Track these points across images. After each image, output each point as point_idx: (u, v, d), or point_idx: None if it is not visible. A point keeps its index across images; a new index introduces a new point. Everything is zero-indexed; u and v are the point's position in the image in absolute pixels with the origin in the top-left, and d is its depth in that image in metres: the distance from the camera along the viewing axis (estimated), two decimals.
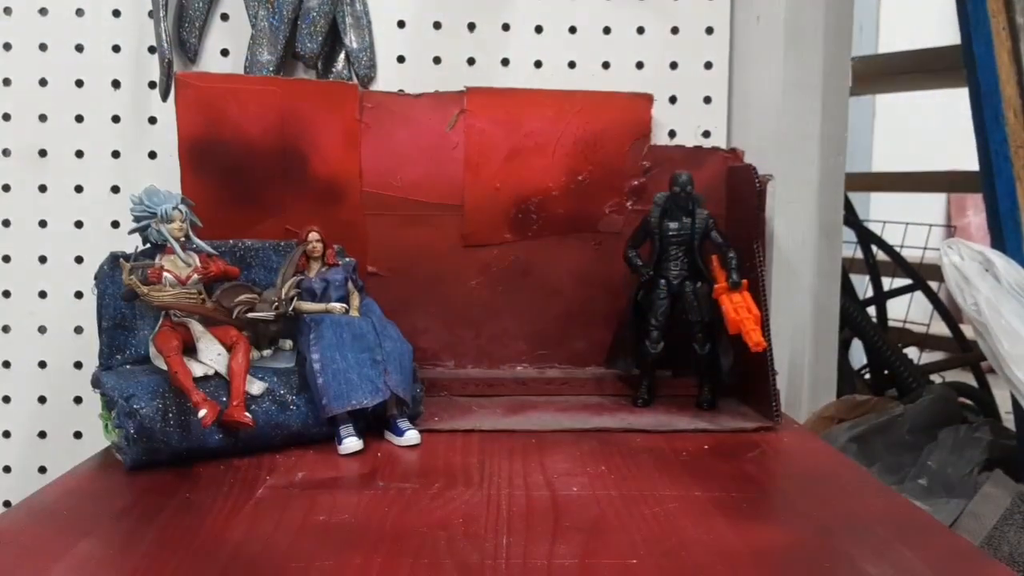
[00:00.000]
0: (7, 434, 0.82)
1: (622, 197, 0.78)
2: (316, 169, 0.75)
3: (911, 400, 0.90)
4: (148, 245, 0.61)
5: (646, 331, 0.71)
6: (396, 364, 0.64)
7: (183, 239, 0.60)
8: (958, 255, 0.62)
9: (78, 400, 0.82)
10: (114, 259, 0.62)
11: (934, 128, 1.86)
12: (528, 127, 0.77)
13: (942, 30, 0.92)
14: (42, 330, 0.82)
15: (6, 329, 0.81)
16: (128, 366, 0.62)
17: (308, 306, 0.66)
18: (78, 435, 0.82)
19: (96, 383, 0.60)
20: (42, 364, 0.82)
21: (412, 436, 0.62)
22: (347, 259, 0.69)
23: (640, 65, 0.83)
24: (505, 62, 0.82)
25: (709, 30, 0.82)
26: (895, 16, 2.03)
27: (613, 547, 0.44)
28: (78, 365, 0.81)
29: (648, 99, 0.78)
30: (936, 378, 1.10)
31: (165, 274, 0.59)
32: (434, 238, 0.77)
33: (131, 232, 0.61)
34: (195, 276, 0.60)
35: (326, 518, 0.48)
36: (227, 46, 0.80)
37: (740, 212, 0.74)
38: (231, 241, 0.67)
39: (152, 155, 0.81)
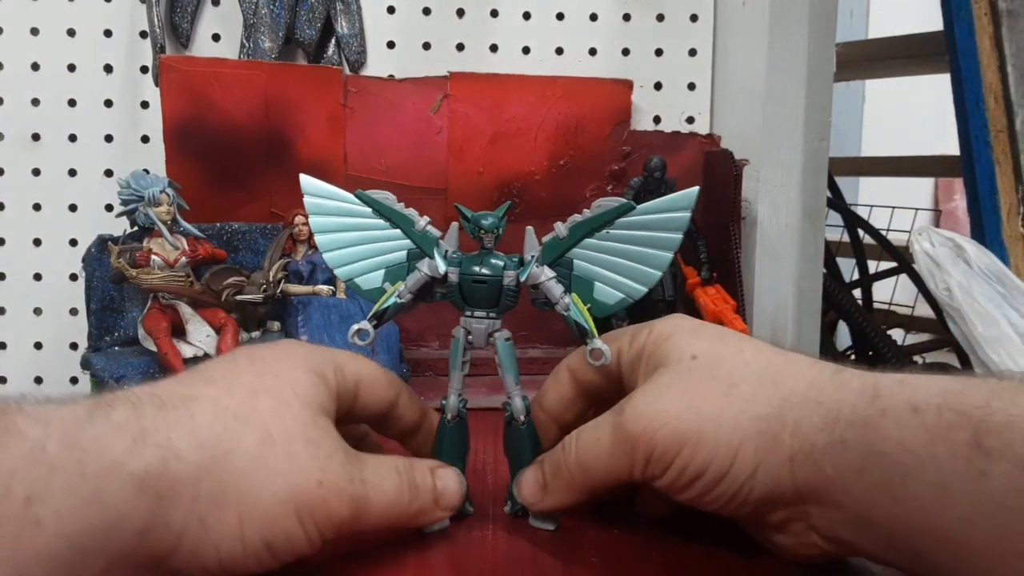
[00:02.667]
0: None
1: (602, 181, 0.79)
2: (301, 153, 0.76)
3: None
4: (136, 228, 0.62)
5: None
6: (383, 345, 0.66)
7: (170, 222, 0.61)
8: (929, 242, 0.63)
9: (74, 380, 0.83)
10: (102, 242, 0.63)
11: (923, 113, 1.86)
12: (511, 112, 0.78)
13: (931, 16, 0.92)
14: (37, 312, 0.83)
15: (2, 311, 0.83)
16: (117, 348, 0.64)
17: (296, 288, 0.67)
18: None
19: (86, 364, 0.62)
20: (38, 345, 0.83)
21: None
22: None
23: (626, 52, 0.84)
24: (494, 48, 0.83)
25: (694, 17, 0.83)
26: (885, 2, 2.03)
27: (594, 516, 0.46)
28: (73, 346, 0.83)
29: (628, 85, 0.79)
30: (919, 359, 1.12)
31: (153, 257, 0.60)
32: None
33: (118, 215, 0.62)
34: (183, 259, 0.61)
35: None
36: (219, 31, 0.81)
37: (717, 196, 0.75)
38: (218, 224, 0.68)
39: (145, 139, 0.82)
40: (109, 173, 0.81)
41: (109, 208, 0.81)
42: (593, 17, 0.83)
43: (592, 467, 0.39)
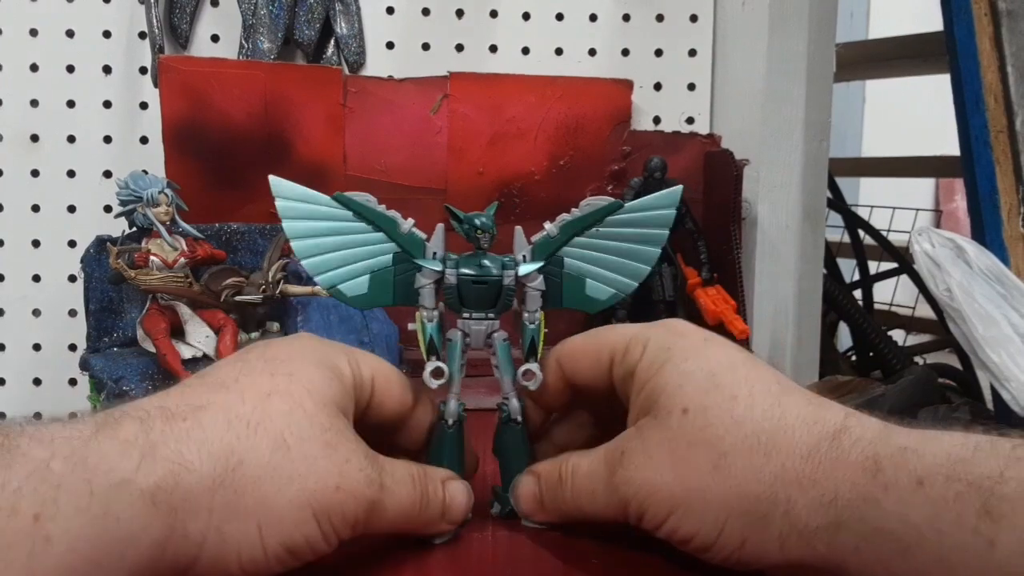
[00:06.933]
0: (3, 415, 0.84)
1: (602, 181, 0.79)
2: (300, 153, 0.76)
3: (893, 381, 0.90)
4: (134, 229, 0.61)
5: (612, 310, 0.72)
6: (383, 345, 0.65)
7: (169, 223, 0.61)
8: (929, 243, 0.63)
9: (72, 382, 0.83)
10: (100, 243, 0.63)
11: (924, 114, 1.86)
12: (511, 112, 0.78)
13: (931, 17, 0.92)
14: (36, 313, 0.83)
15: (0, 312, 0.83)
16: (116, 348, 0.64)
17: (295, 289, 0.66)
18: (73, 416, 0.83)
19: (84, 365, 0.62)
20: (36, 347, 0.83)
21: None
22: None
23: (626, 52, 0.83)
24: (493, 48, 0.83)
25: (693, 17, 0.83)
26: (886, 2, 2.03)
27: None
28: (72, 347, 0.83)
29: (628, 85, 0.79)
30: (920, 360, 1.11)
31: (152, 258, 0.60)
32: (418, 222, 0.77)
33: (117, 216, 0.61)
34: (182, 260, 0.61)
35: None
36: (218, 32, 0.81)
37: (717, 197, 0.75)
38: (217, 225, 0.68)
39: (144, 140, 0.82)
40: (108, 174, 0.81)
41: (108, 209, 0.81)
42: (593, 17, 0.83)
43: (588, 510, 0.40)
